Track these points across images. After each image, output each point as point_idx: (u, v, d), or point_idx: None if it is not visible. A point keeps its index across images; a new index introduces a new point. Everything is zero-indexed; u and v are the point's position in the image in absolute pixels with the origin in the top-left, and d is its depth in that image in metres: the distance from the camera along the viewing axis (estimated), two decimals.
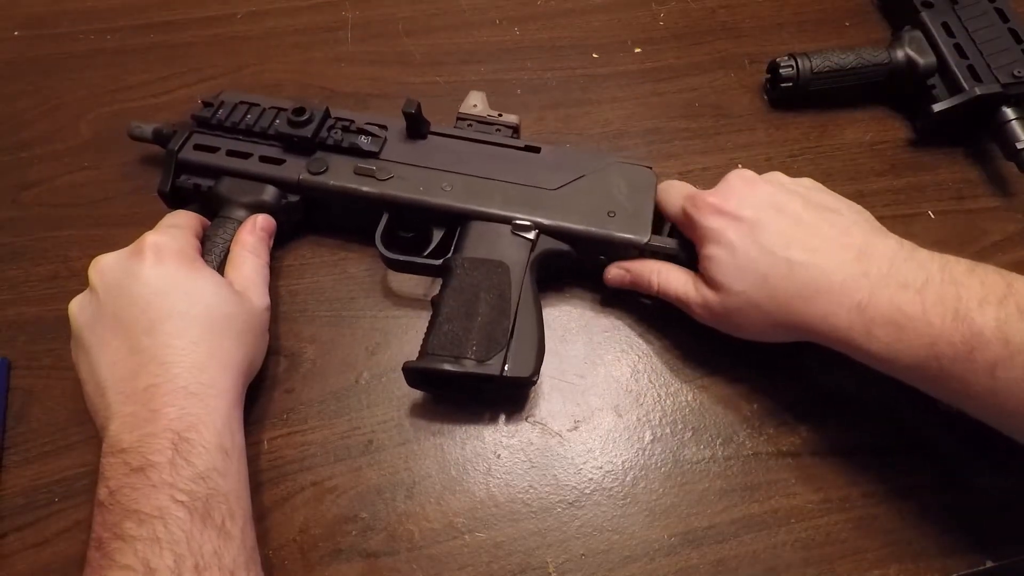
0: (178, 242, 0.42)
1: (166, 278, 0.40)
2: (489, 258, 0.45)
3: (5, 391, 0.45)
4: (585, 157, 0.50)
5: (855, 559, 0.41)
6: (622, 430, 0.45)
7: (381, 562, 0.40)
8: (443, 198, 0.47)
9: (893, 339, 0.36)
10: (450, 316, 0.43)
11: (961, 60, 0.55)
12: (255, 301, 0.43)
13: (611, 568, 0.40)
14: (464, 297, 0.44)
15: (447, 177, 0.48)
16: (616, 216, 0.47)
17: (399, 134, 0.50)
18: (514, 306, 0.44)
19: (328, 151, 0.49)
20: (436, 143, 0.50)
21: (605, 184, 0.48)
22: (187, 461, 0.35)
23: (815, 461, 0.44)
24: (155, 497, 0.33)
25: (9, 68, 0.62)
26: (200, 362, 0.38)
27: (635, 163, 0.50)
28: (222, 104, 0.51)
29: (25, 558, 0.40)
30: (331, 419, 0.45)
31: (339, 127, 0.49)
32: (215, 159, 0.49)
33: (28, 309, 0.49)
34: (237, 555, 0.34)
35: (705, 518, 0.42)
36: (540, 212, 0.47)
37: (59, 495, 0.42)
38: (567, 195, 0.48)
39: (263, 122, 0.50)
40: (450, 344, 0.42)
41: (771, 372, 0.46)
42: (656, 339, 0.48)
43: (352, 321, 0.48)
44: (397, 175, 0.48)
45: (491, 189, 0.48)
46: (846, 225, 0.41)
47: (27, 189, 0.55)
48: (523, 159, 0.49)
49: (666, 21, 0.66)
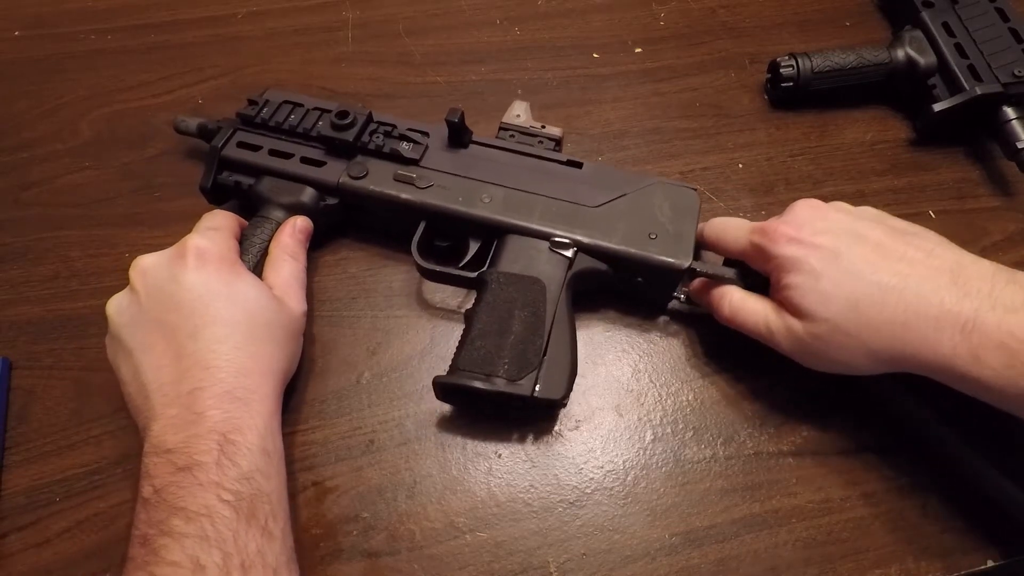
0: (219, 246, 0.42)
1: (209, 284, 0.40)
2: (526, 274, 0.44)
3: (5, 391, 0.45)
4: (628, 176, 0.49)
5: (855, 559, 0.41)
6: (623, 430, 0.45)
7: (382, 562, 0.40)
8: (482, 210, 0.47)
9: (1004, 365, 0.34)
10: (483, 332, 0.42)
11: (961, 60, 0.55)
12: (293, 306, 0.43)
13: (612, 567, 0.40)
14: (498, 313, 0.43)
15: (487, 189, 0.47)
16: (657, 238, 0.45)
17: (441, 142, 0.50)
18: (548, 325, 0.43)
19: (369, 155, 0.49)
20: (477, 153, 0.50)
21: (647, 204, 0.47)
22: (232, 462, 0.35)
23: (816, 461, 0.44)
24: (202, 496, 0.34)
25: (9, 68, 0.62)
26: (243, 367, 0.39)
27: (679, 184, 0.48)
28: (267, 103, 0.51)
29: (25, 558, 0.40)
30: (332, 419, 0.45)
31: (381, 132, 0.49)
32: (257, 158, 0.49)
33: (28, 309, 0.49)
34: (279, 554, 0.35)
35: (706, 518, 0.42)
36: (579, 230, 0.46)
37: (59, 495, 0.42)
38: (608, 214, 0.47)
39: (306, 123, 0.50)
40: (481, 361, 0.41)
41: (771, 372, 0.46)
42: (657, 339, 0.48)
43: (353, 321, 0.48)
44: (437, 184, 0.48)
45: (531, 203, 0.47)
46: (930, 247, 0.38)
47: (27, 189, 0.55)
48: (564, 174, 0.49)
49: (667, 21, 0.66)
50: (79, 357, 0.47)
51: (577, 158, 0.49)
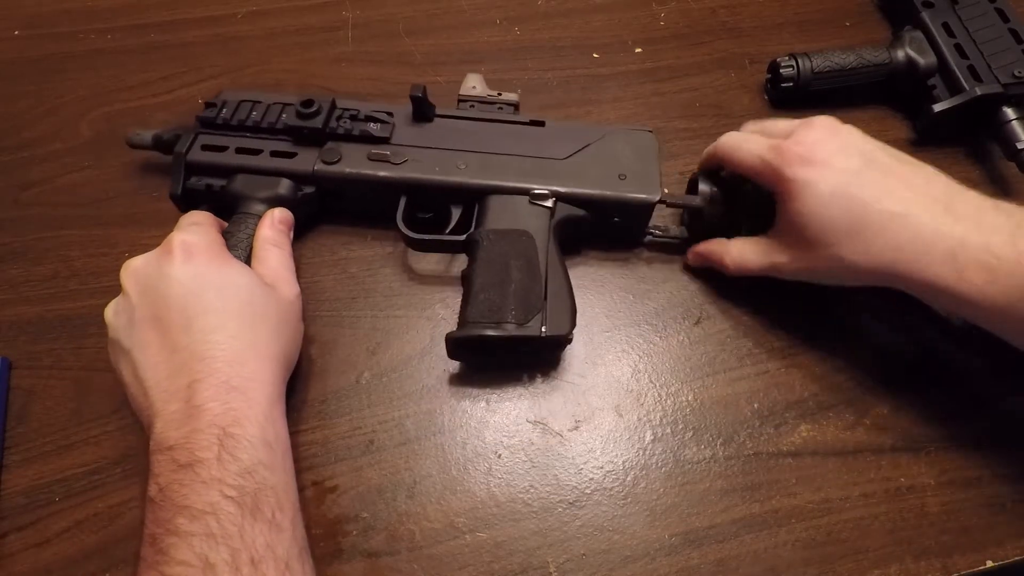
0: (205, 238, 0.42)
1: (198, 275, 0.40)
2: (513, 228, 0.46)
3: (5, 391, 0.45)
4: (587, 127, 0.52)
5: (855, 559, 0.41)
6: (623, 430, 0.45)
7: (382, 562, 0.40)
8: (460, 176, 0.48)
9: (985, 281, 0.37)
10: (484, 286, 0.44)
11: (961, 60, 0.55)
12: (285, 291, 0.44)
13: (612, 568, 0.40)
14: (495, 267, 0.45)
15: (460, 156, 0.49)
16: (627, 178, 0.49)
17: (406, 119, 0.51)
18: (544, 270, 0.45)
19: (339, 140, 0.50)
20: (443, 125, 0.51)
21: (611, 150, 0.50)
22: (233, 456, 0.35)
23: (815, 461, 0.44)
24: (205, 493, 0.34)
25: (9, 68, 0.62)
26: (239, 356, 0.38)
27: (635, 128, 0.52)
28: (225, 103, 0.51)
29: (25, 558, 0.40)
30: (332, 419, 0.45)
31: (347, 116, 0.50)
32: (225, 158, 0.50)
33: (28, 309, 0.49)
34: (290, 546, 0.35)
35: (706, 518, 0.42)
36: (555, 181, 0.48)
37: (59, 495, 0.42)
38: (577, 163, 0.49)
39: (270, 117, 0.50)
40: (489, 311, 0.43)
41: (771, 372, 0.46)
42: (656, 339, 0.48)
43: (352, 321, 0.48)
44: (411, 158, 0.49)
45: (505, 163, 0.49)
46: (928, 176, 0.41)
47: (27, 189, 0.55)
48: (530, 133, 0.51)
49: (667, 21, 0.66)
50: (79, 357, 0.47)
51: (538, 118, 0.52)
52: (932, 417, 0.45)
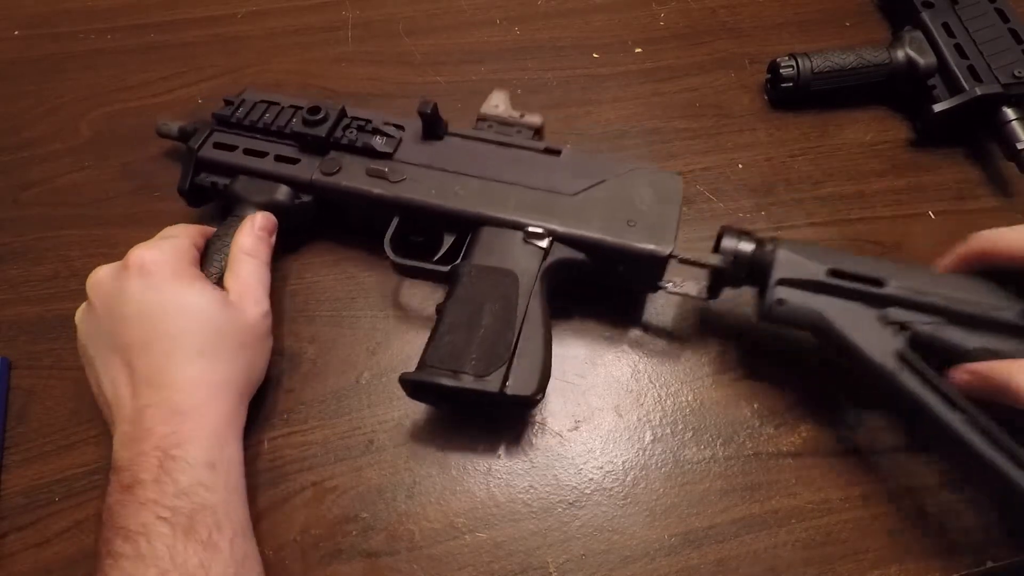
0: (166, 255, 0.41)
1: (153, 297, 0.40)
2: (498, 267, 0.43)
3: (5, 391, 0.45)
4: (608, 162, 0.48)
5: (855, 559, 0.41)
6: (622, 430, 0.45)
7: (382, 562, 0.40)
8: (454, 202, 0.46)
9: None
10: (452, 326, 0.42)
11: (961, 60, 0.55)
12: (250, 311, 0.42)
13: (611, 568, 0.40)
14: (468, 307, 0.42)
15: (460, 180, 0.47)
16: (637, 225, 0.44)
17: (415, 135, 0.49)
18: (520, 318, 0.42)
19: (343, 151, 0.48)
20: (453, 145, 0.49)
21: (627, 191, 0.46)
22: (171, 478, 0.35)
23: (815, 461, 0.44)
24: (141, 514, 0.34)
25: (9, 68, 0.62)
26: (191, 383, 0.38)
27: (662, 171, 0.47)
28: (243, 102, 0.51)
29: (25, 558, 0.40)
30: (331, 419, 0.45)
31: (355, 126, 0.49)
32: (232, 157, 0.49)
33: (28, 309, 0.49)
34: (226, 567, 0.34)
35: (705, 518, 0.42)
36: (555, 219, 0.45)
37: (59, 495, 0.42)
38: (585, 202, 0.46)
39: (280, 121, 0.50)
40: (449, 357, 0.40)
41: (771, 372, 0.46)
42: (656, 339, 0.48)
43: (352, 321, 0.48)
44: (410, 177, 0.47)
45: (505, 193, 0.46)
46: None
47: (27, 189, 0.55)
48: (542, 162, 0.48)
49: (667, 21, 0.66)
50: (79, 357, 0.47)
51: (556, 145, 0.48)
52: None
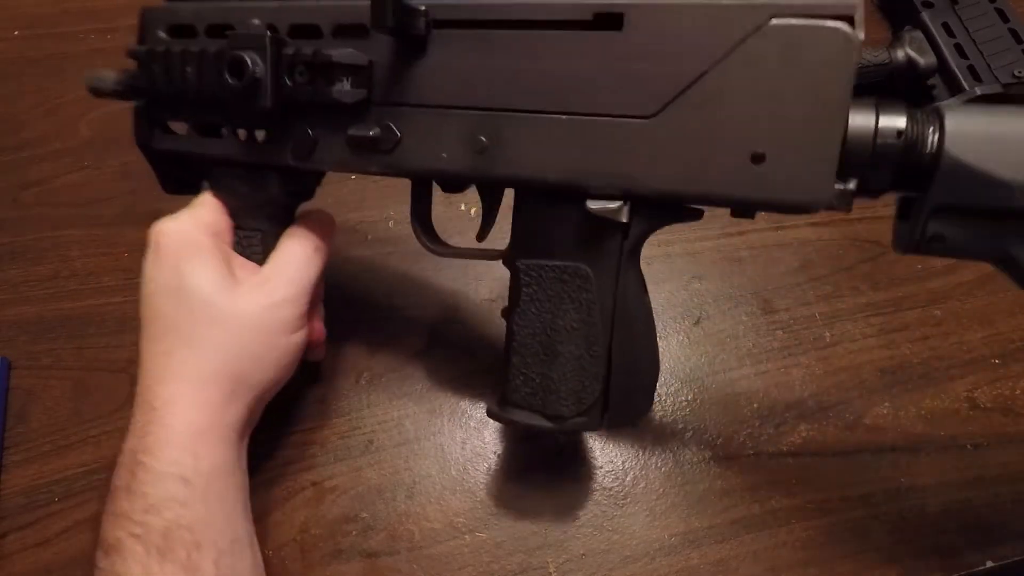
0: (182, 226, 0.37)
1: (160, 276, 0.36)
2: (560, 263, 0.32)
3: (5, 391, 0.45)
4: (707, 21, 0.27)
5: (855, 559, 0.41)
6: (622, 430, 0.45)
7: (381, 562, 0.40)
8: (476, 163, 0.31)
9: None
10: (523, 356, 0.33)
11: (961, 60, 0.55)
12: (260, 300, 0.36)
13: (611, 568, 0.40)
14: (535, 328, 0.33)
15: (478, 122, 0.31)
16: (768, 160, 0.27)
17: (389, 48, 0.31)
18: (606, 332, 0.32)
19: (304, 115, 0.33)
20: (447, 48, 0.31)
21: (747, 86, 0.27)
22: (141, 490, 0.32)
23: (815, 461, 0.44)
24: (114, 529, 0.32)
25: (9, 68, 0.62)
26: (164, 374, 0.35)
27: (805, 19, 0.26)
28: (154, 56, 0.35)
29: (25, 558, 0.40)
30: (331, 419, 0.45)
31: (302, 66, 0.32)
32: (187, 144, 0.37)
33: (28, 309, 0.49)
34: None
35: (705, 518, 0.42)
36: (630, 166, 0.28)
37: (59, 495, 0.42)
38: (675, 123, 0.28)
39: (209, 77, 0.33)
40: (531, 395, 0.33)
41: (771, 372, 0.46)
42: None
43: (352, 321, 0.48)
44: (406, 134, 0.32)
45: (545, 135, 0.29)
46: None
47: (27, 189, 0.55)
48: (595, 50, 0.28)
49: None
50: (78, 357, 0.47)
51: (614, 4, 0.28)
52: (932, 417, 0.45)
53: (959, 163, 0.25)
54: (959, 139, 0.25)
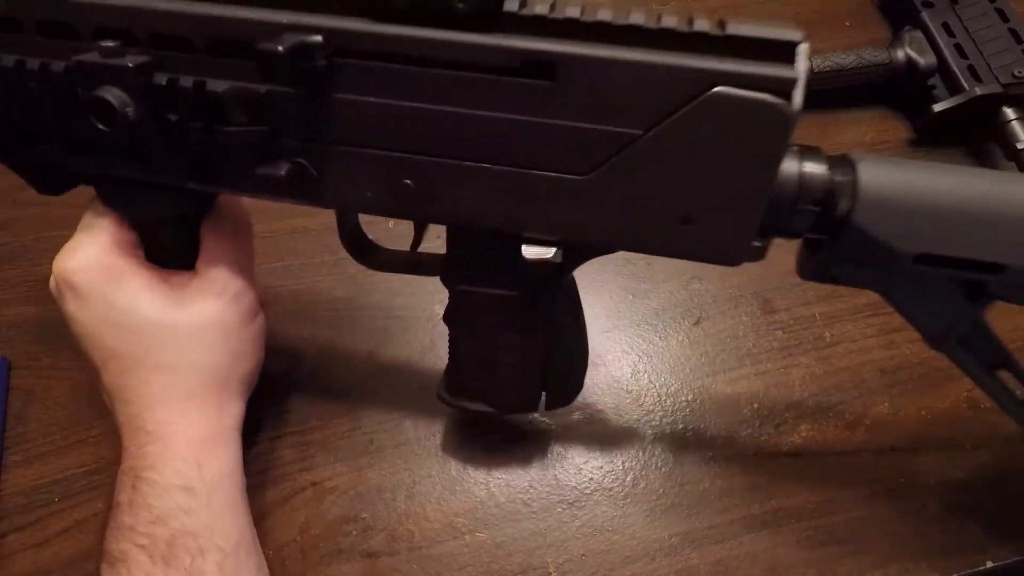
0: (88, 257, 0.34)
1: (88, 318, 0.34)
2: (496, 293, 0.32)
3: (5, 391, 0.45)
4: (648, 81, 0.24)
5: (855, 559, 0.41)
6: (622, 430, 0.45)
7: (381, 562, 0.40)
8: (402, 204, 0.29)
9: None
10: (467, 364, 0.38)
11: (961, 60, 0.55)
12: (210, 301, 0.35)
13: (611, 568, 0.40)
14: (476, 342, 0.36)
15: (401, 164, 0.28)
16: (694, 223, 0.27)
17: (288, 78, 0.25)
18: (544, 346, 0.35)
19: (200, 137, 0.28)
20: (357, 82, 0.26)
21: (682, 150, 0.25)
22: (146, 503, 0.33)
23: (815, 461, 0.44)
24: (120, 540, 0.33)
25: None
26: (153, 400, 0.35)
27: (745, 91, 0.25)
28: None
29: (25, 558, 0.40)
30: (331, 419, 0.45)
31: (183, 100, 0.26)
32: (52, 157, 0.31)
33: (28, 309, 0.49)
34: None
35: (705, 518, 0.42)
36: (563, 220, 0.28)
37: (59, 495, 0.42)
38: (609, 184, 0.26)
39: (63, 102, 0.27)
40: (476, 392, 0.39)
41: (771, 372, 0.46)
42: (656, 339, 0.48)
43: (352, 321, 0.48)
44: (323, 172, 0.28)
45: (475, 184, 0.27)
46: None
47: (27, 189, 0.53)
48: (525, 100, 0.25)
49: None
50: (78, 357, 0.46)
51: (548, 51, 0.24)
52: (932, 417, 0.45)
53: (864, 232, 0.28)
54: (867, 210, 0.28)
